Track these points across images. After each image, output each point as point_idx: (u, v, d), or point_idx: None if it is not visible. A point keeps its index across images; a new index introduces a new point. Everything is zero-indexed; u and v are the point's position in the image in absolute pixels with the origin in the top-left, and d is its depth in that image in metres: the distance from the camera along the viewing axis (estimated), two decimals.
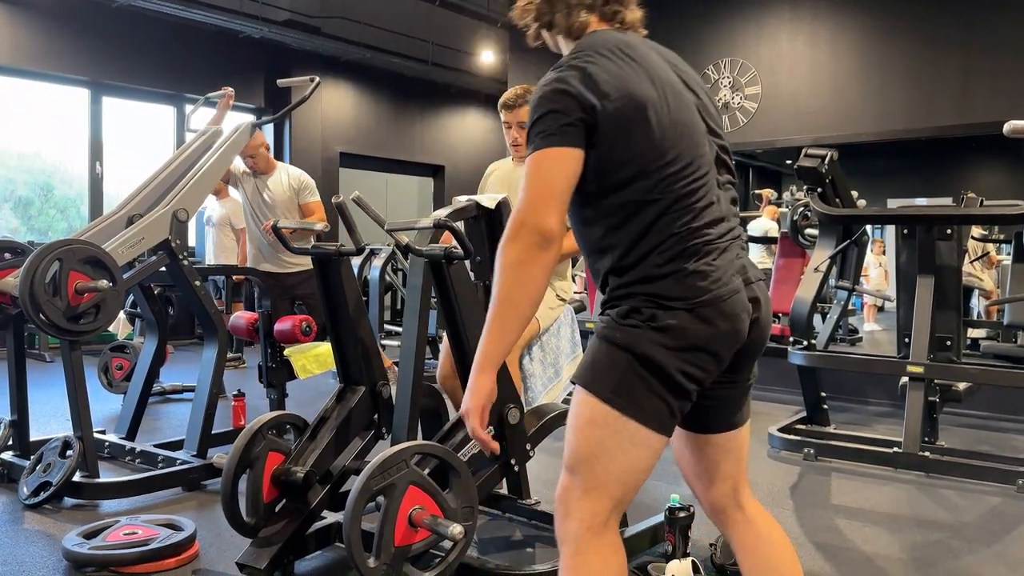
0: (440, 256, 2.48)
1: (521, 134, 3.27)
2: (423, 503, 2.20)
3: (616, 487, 1.57)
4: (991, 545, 3.07)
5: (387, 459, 2.18)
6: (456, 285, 2.51)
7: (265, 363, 4.22)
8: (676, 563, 2.58)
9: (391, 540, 2.14)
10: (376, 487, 2.14)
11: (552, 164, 1.52)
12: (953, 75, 5.77)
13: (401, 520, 2.16)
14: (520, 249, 1.49)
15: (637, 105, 1.55)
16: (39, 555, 2.80)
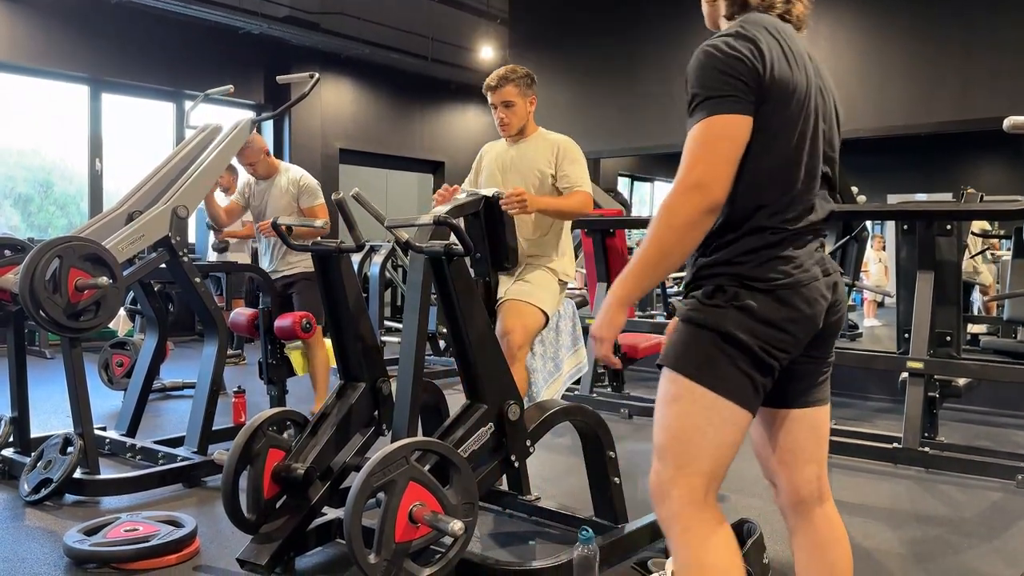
0: (440, 253, 2.48)
1: (507, 114, 3.29)
2: (423, 499, 2.20)
3: (707, 462, 1.60)
4: (991, 540, 3.07)
5: (387, 455, 2.18)
6: (456, 282, 2.51)
7: (265, 360, 4.23)
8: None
9: (391, 536, 2.14)
10: (376, 483, 2.15)
11: (725, 130, 1.54)
12: (953, 72, 5.77)
13: (401, 516, 2.16)
14: (691, 211, 1.52)
15: (788, 92, 1.59)
16: (40, 552, 2.80)
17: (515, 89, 3.25)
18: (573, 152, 3.28)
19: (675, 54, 7.23)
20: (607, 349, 1.67)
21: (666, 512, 1.61)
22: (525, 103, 3.29)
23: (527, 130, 3.32)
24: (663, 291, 9.22)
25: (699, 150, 1.54)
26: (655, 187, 16.08)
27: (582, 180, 3.21)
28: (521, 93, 3.27)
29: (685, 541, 1.59)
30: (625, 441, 4.51)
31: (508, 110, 3.27)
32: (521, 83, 3.26)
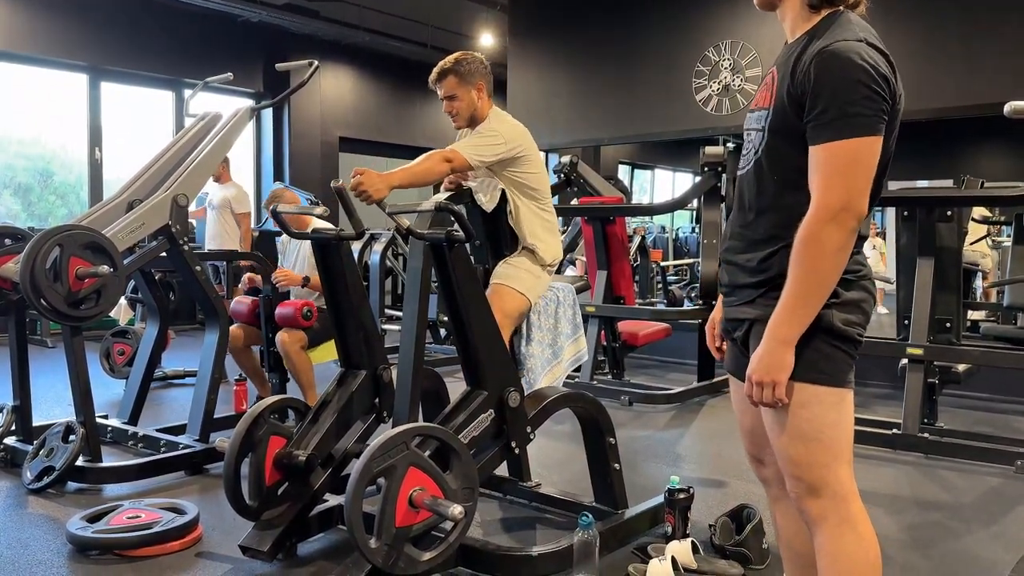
0: (441, 239, 2.48)
1: (451, 106, 3.14)
2: (423, 484, 2.21)
3: (847, 450, 1.70)
4: (990, 526, 3.09)
5: (388, 441, 2.19)
6: (457, 268, 2.51)
7: (266, 348, 4.23)
8: (676, 544, 2.60)
9: (392, 521, 2.15)
10: (377, 468, 2.16)
11: (870, 152, 1.55)
12: (954, 57, 5.74)
13: (402, 501, 2.17)
14: (844, 235, 1.54)
15: (899, 107, 1.66)
16: (43, 539, 2.81)
17: (455, 80, 3.09)
18: (492, 125, 3.10)
19: (676, 41, 7.21)
20: (782, 392, 1.61)
21: (822, 506, 1.66)
22: (469, 92, 3.11)
23: (479, 118, 3.17)
24: (663, 279, 9.24)
25: (843, 173, 1.54)
26: (655, 174, 16.05)
27: (461, 144, 3.00)
28: (462, 83, 3.10)
29: (842, 532, 1.65)
30: (625, 428, 4.53)
31: (452, 103, 3.14)
32: (463, 73, 3.09)
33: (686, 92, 7.07)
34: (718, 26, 6.92)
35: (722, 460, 3.96)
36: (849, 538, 1.65)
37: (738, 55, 6.76)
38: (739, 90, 6.76)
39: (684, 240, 13.06)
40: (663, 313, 6.46)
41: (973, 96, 5.68)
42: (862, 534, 1.65)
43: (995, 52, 5.60)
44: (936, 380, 4.27)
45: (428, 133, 11.52)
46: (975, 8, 5.72)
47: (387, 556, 2.14)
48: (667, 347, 6.47)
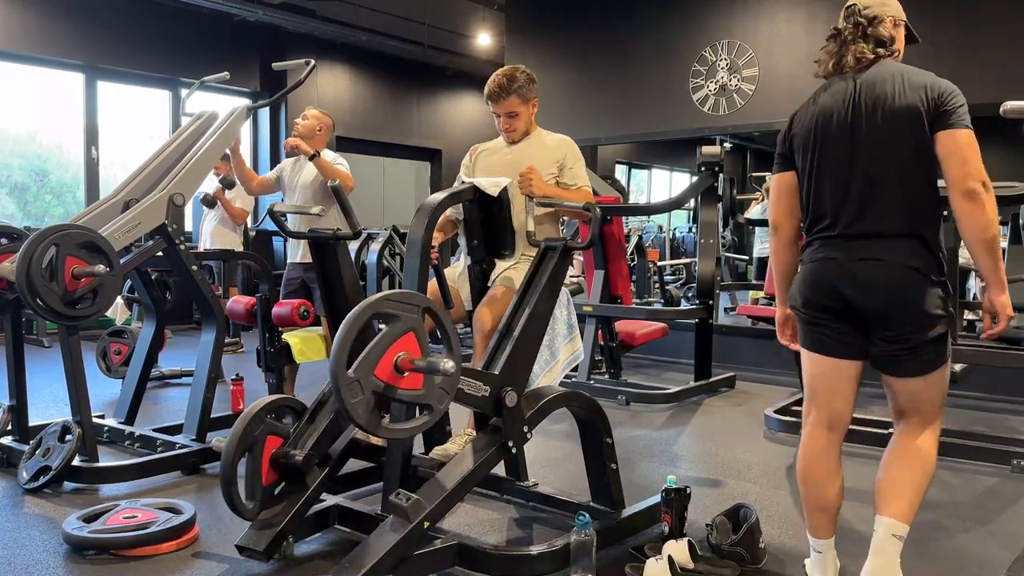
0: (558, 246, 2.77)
1: (511, 123, 3.24)
2: (412, 354, 2.17)
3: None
4: (985, 524, 3.09)
5: (406, 294, 2.20)
6: (556, 273, 2.79)
7: (263, 347, 4.22)
8: (673, 543, 2.60)
9: (374, 364, 2.10)
10: (383, 309, 2.14)
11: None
12: (949, 56, 5.75)
13: (389, 356, 2.13)
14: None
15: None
16: (39, 539, 2.81)
17: (518, 99, 3.19)
18: (576, 152, 3.29)
19: (673, 41, 7.21)
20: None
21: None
22: (528, 108, 3.24)
23: (531, 131, 3.31)
24: (660, 279, 9.24)
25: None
26: (652, 174, 16.05)
27: (585, 180, 3.25)
28: (524, 100, 3.21)
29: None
30: (622, 427, 4.53)
31: (512, 120, 3.23)
32: (523, 91, 3.19)
33: (683, 92, 7.08)
34: (715, 26, 6.92)
35: (719, 460, 3.97)
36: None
37: (735, 55, 6.77)
38: (736, 90, 6.76)
39: (681, 240, 13.07)
40: (660, 313, 6.45)
41: (969, 96, 5.67)
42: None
43: (991, 52, 5.61)
44: None
45: (425, 132, 11.51)
46: (970, 7, 5.73)
47: (355, 394, 2.06)
48: (664, 347, 6.48)
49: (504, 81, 3.19)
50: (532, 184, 2.97)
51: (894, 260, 2.18)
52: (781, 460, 3.98)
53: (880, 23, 2.30)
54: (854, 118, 2.22)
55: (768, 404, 4.85)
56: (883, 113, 2.19)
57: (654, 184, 16.13)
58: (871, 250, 2.19)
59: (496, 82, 3.20)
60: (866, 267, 2.19)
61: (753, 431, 4.52)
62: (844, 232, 2.23)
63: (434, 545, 2.48)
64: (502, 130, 3.29)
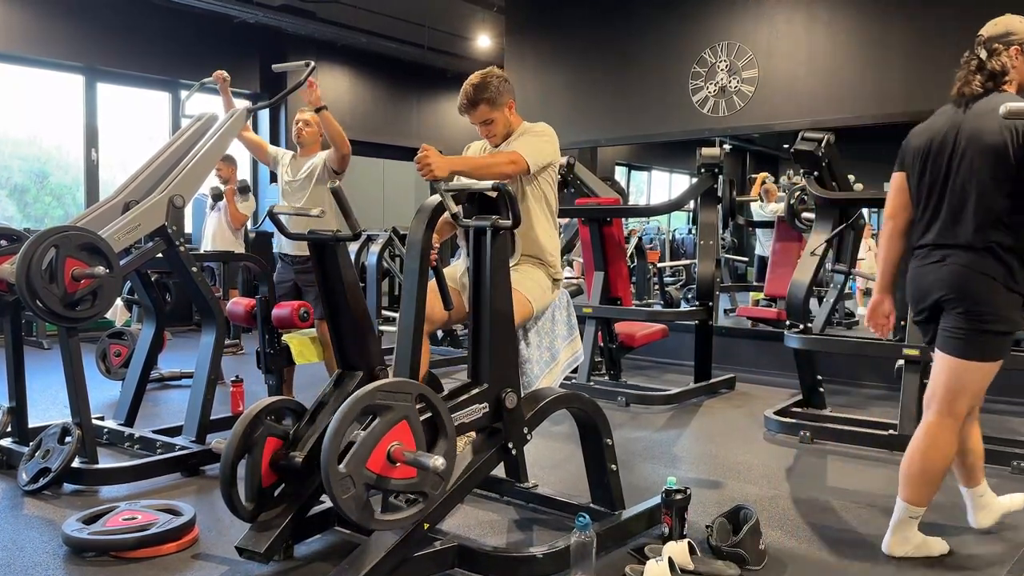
0: (486, 226, 2.53)
1: (488, 130, 3.17)
2: (406, 443, 2.17)
3: None
4: None
5: (399, 383, 2.19)
6: (495, 257, 2.55)
7: (263, 349, 4.23)
8: (673, 544, 2.60)
9: (366, 457, 2.09)
10: (377, 401, 2.13)
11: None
12: (950, 58, 5.73)
13: (380, 449, 2.12)
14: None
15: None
16: (39, 540, 2.81)
17: (487, 107, 3.11)
18: (539, 129, 3.15)
19: (673, 43, 7.21)
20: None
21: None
22: (503, 112, 3.15)
23: (512, 131, 3.22)
24: (660, 280, 9.24)
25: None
26: (652, 176, 16.06)
27: (521, 146, 3.04)
28: (494, 106, 3.12)
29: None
30: (622, 429, 4.53)
31: (488, 127, 3.17)
32: (492, 97, 3.10)
33: (683, 94, 7.08)
34: (714, 28, 6.93)
35: (719, 461, 3.97)
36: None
37: (734, 56, 6.77)
38: (736, 92, 6.77)
39: (681, 241, 13.06)
40: (660, 314, 6.46)
41: None
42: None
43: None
44: None
45: (424, 134, 11.51)
46: (970, 10, 5.74)
47: (347, 489, 2.06)
48: (664, 348, 6.48)
49: (471, 91, 3.12)
50: (430, 167, 2.68)
51: (963, 263, 2.57)
52: (781, 461, 3.98)
53: (997, 56, 2.68)
54: (954, 147, 2.62)
55: (768, 405, 4.85)
56: (976, 146, 2.57)
57: (654, 186, 16.13)
58: (949, 257, 2.61)
59: (464, 93, 3.14)
60: (939, 268, 2.63)
61: (753, 432, 4.52)
62: (934, 242, 2.67)
63: (434, 547, 2.48)
64: (483, 137, 3.27)
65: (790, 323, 4.61)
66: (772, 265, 7.42)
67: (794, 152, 4.61)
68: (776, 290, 7.11)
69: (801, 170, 4.90)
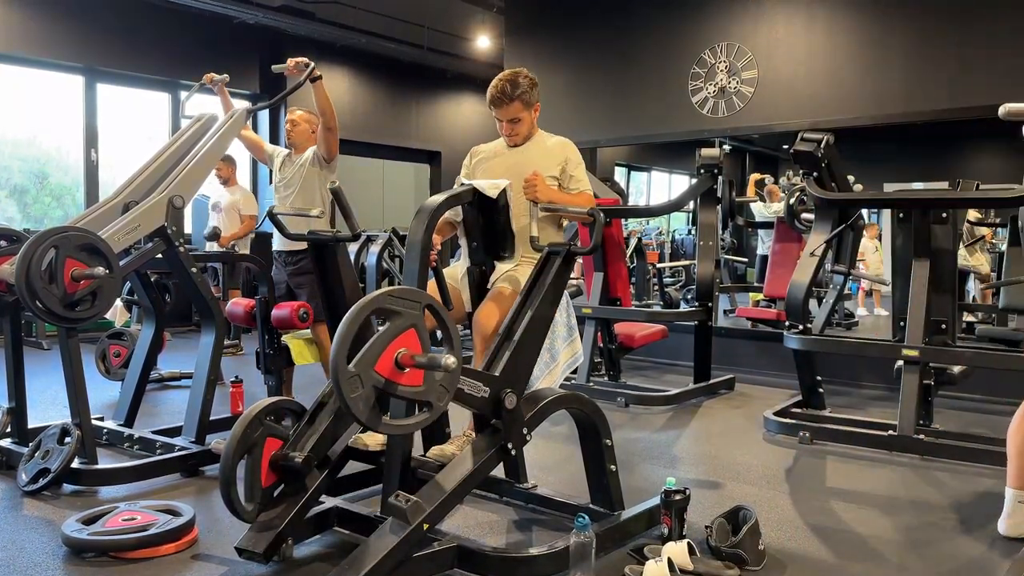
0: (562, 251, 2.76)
1: (513, 128, 3.20)
2: (413, 351, 2.17)
3: None
4: (985, 526, 3.09)
5: (406, 291, 2.20)
6: (559, 276, 2.78)
7: (263, 349, 4.23)
8: (672, 545, 2.60)
9: (374, 359, 2.10)
10: (384, 304, 2.14)
11: None
12: (949, 59, 5.76)
13: (390, 352, 2.13)
14: None
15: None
16: (39, 541, 2.81)
17: (520, 105, 3.15)
18: (577, 155, 3.27)
19: (672, 43, 7.21)
20: None
21: None
22: (531, 114, 3.21)
23: (533, 133, 3.28)
24: (660, 281, 9.24)
25: None
26: (652, 176, 16.06)
27: (587, 184, 3.23)
28: (527, 106, 3.18)
29: None
30: (621, 429, 4.53)
31: (515, 126, 3.20)
32: (526, 96, 3.16)
33: (682, 94, 7.08)
34: (714, 28, 6.93)
35: (718, 462, 3.97)
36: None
37: (734, 57, 6.77)
38: (735, 92, 6.77)
39: (680, 242, 13.06)
40: (659, 315, 6.46)
41: (968, 98, 5.69)
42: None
43: (989, 54, 5.62)
44: (931, 382, 4.28)
45: (424, 135, 11.51)
46: (969, 10, 5.74)
47: (355, 388, 2.06)
48: (663, 349, 6.48)
49: (507, 87, 3.14)
50: (537, 189, 2.95)
51: None
52: (780, 462, 3.98)
53: None
54: None
55: (767, 406, 4.85)
56: None
57: (653, 186, 16.13)
58: None
59: (499, 88, 3.16)
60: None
61: (752, 433, 4.52)
62: None
63: (433, 547, 2.48)
64: (504, 135, 3.28)
65: (789, 324, 4.62)
66: (771, 266, 7.43)
67: (793, 153, 4.61)
68: (775, 291, 7.11)
69: (800, 171, 4.90)
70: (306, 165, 4.52)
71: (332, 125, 4.41)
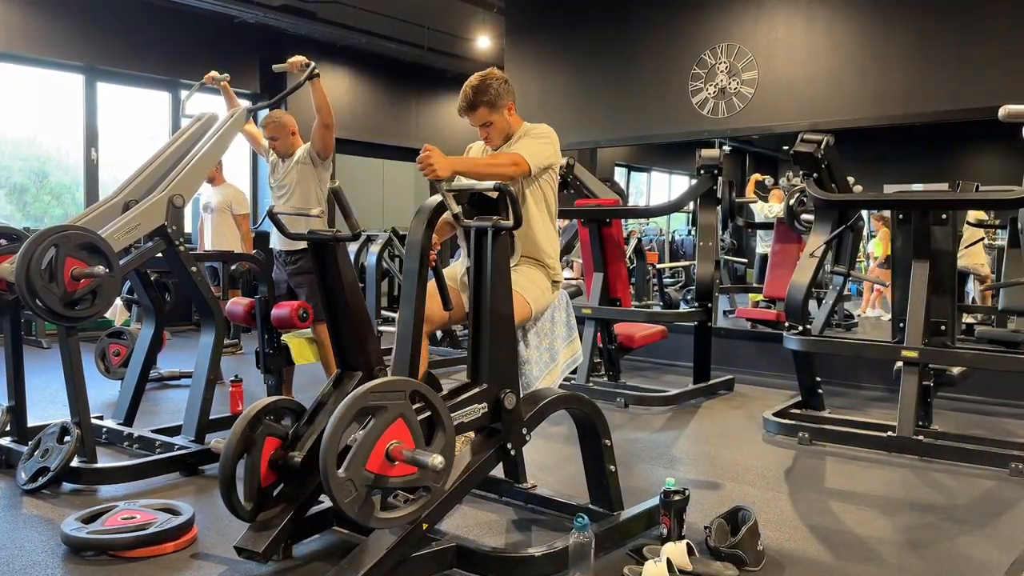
0: (487, 227, 2.53)
1: (487, 132, 3.16)
2: (403, 441, 2.17)
3: None
4: (984, 527, 3.09)
5: (390, 382, 2.18)
6: (495, 257, 2.55)
7: (262, 349, 4.23)
8: (671, 545, 2.60)
9: (365, 459, 2.10)
10: (370, 403, 2.14)
11: None
12: (950, 59, 5.76)
13: (378, 449, 2.13)
14: None
15: None
16: (38, 540, 2.81)
17: (486, 110, 3.10)
18: (539, 131, 3.14)
19: (673, 44, 7.21)
20: None
21: None
22: (502, 115, 3.14)
23: (512, 133, 3.21)
24: (659, 281, 9.25)
25: None
26: (652, 177, 16.07)
27: (524, 148, 3.02)
28: (495, 110, 3.11)
29: None
30: (621, 430, 4.53)
31: (487, 129, 3.16)
32: (492, 100, 3.09)
33: (682, 95, 7.08)
34: (714, 29, 6.93)
35: (717, 462, 3.97)
36: None
37: (734, 58, 6.77)
38: (736, 93, 6.77)
39: (680, 242, 13.07)
40: (659, 315, 6.46)
41: (968, 100, 5.70)
42: None
43: (990, 56, 5.62)
44: (931, 383, 4.28)
45: (424, 135, 11.51)
46: (970, 11, 5.74)
47: (348, 493, 2.08)
48: (663, 349, 6.48)
49: (470, 93, 3.11)
50: (432, 166, 2.62)
51: None
52: (780, 463, 3.98)
53: None
54: None
55: (767, 407, 4.85)
56: None
57: (653, 187, 16.14)
58: None
59: (463, 96, 3.13)
60: None
61: (752, 434, 4.52)
62: None
63: (432, 547, 2.48)
64: (482, 138, 3.27)
65: (789, 325, 4.62)
66: (771, 266, 7.43)
67: (793, 154, 4.61)
68: (775, 292, 7.11)
69: (800, 172, 4.90)
70: (299, 164, 4.51)
71: (329, 122, 4.41)
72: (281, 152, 4.58)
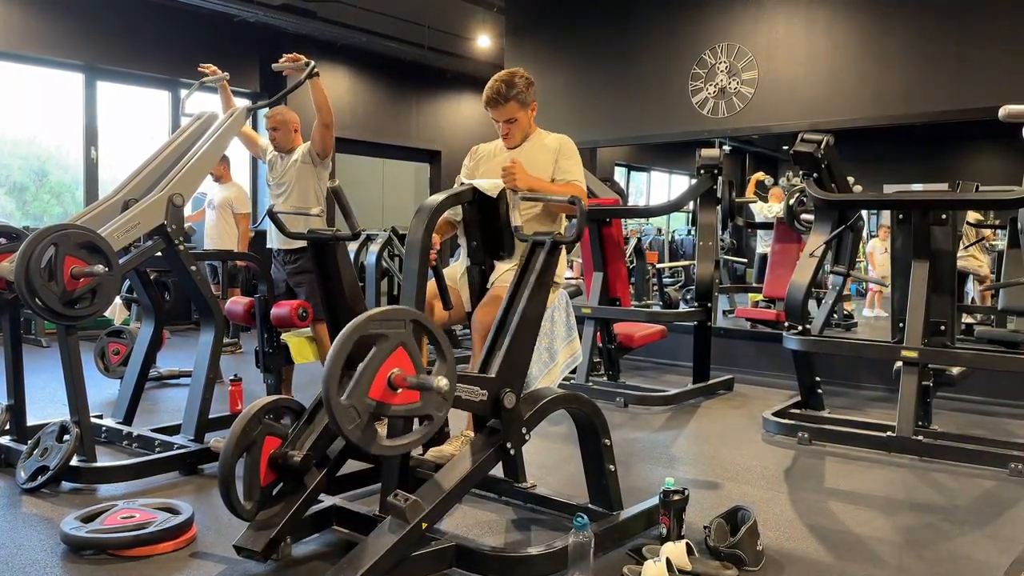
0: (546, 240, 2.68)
1: (510, 128, 3.21)
2: (405, 369, 2.18)
3: None
4: (983, 527, 3.09)
5: (391, 311, 2.19)
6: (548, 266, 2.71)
7: (262, 348, 4.23)
8: (671, 545, 2.60)
9: (367, 386, 2.11)
10: (372, 330, 2.14)
11: None
12: (950, 60, 5.76)
13: (381, 376, 2.14)
14: None
15: None
16: (37, 539, 2.81)
17: (516, 105, 3.16)
18: (570, 148, 3.25)
19: (673, 44, 7.21)
20: None
21: None
22: (527, 113, 3.21)
23: (529, 133, 3.28)
24: (659, 281, 9.25)
25: None
26: (651, 177, 16.07)
27: (577, 174, 3.19)
28: (522, 106, 3.18)
29: None
30: (620, 429, 4.53)
31: (511, 125, 3.20)
32: (521, 96, 3.16)
33: (682, 95, 7.08)
34: (714, 29, 6.93)
35: (717, 462, 3.97)
36: None
37: (734, 58, 6.77)
38: (735, 93, 6.77)
39: (680, 242, 13.06)
40: (659, 315, 6.46)
41: (968, 100, 5.69)
42: None
43: (989, 56, 5.62)
44: (930, 383, 4.28)
45: (424, 134, 11.51)
46: (970, 11, 5.74)
47: (351, 419, 2.08)
48: (663, 349, 6.48)
49: (502, 87, 3.15)
50: (515, 176, 2.88)
51: None
52: (779, 463, 3.98)
53: None
54: None
55: (766, 407, 4.85)
56: None
57: (653, 186, 16.13)
58: None
59: (494, 88, 3.16)
60: None
61: (751, 434, 4.52)
62: None
63: (432, 546, 2.48)
64: (501, 135, 3.28)
65: (789, 324, 4.62)
66: (771, 266, 7.43)
67: (793, 153, 4.61)
68: (775, 291, 7.11)
69: (800, 172, 4.90)
70: (298, 163, 4.51)
71: (328, 121, 4.41)
72: (280, 146, 4.59)
